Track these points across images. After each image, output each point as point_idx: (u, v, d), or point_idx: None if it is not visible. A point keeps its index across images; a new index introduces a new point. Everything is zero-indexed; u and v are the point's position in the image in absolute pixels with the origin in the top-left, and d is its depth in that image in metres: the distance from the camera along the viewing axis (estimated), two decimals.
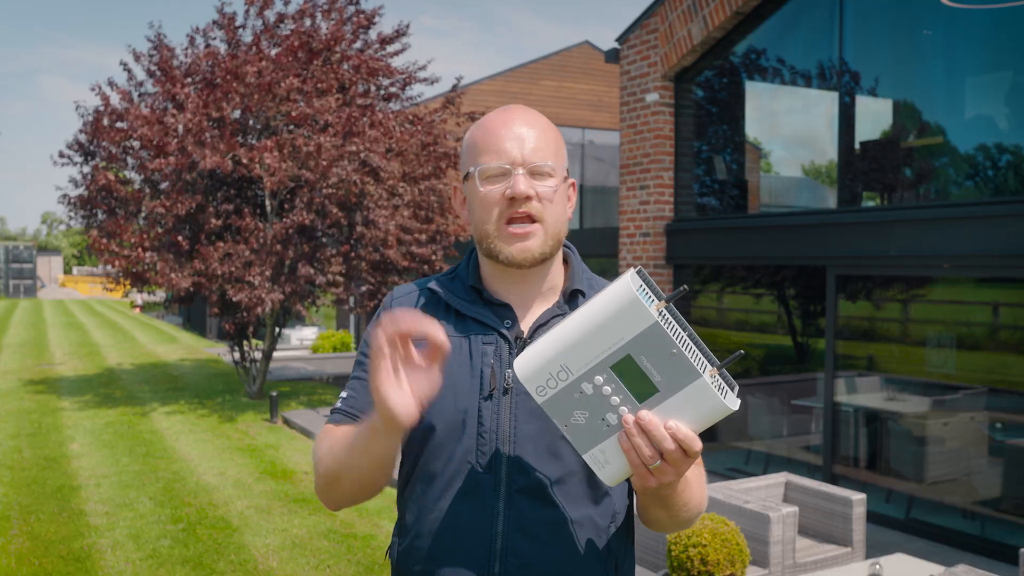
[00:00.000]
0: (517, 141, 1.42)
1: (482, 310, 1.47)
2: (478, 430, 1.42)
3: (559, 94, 18.42)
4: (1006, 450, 5.79)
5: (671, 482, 1.23)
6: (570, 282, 1.51)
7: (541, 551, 1.40)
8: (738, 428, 7.69)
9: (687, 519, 1.45)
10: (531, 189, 1.40)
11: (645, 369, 1.16)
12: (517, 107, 1.48)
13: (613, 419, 1.20)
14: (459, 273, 1.55)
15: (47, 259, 73.20)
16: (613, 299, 1.15)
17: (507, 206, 1.41)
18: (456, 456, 1.42)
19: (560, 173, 1.45)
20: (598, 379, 1.18)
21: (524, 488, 1.40)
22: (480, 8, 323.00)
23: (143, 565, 5.31)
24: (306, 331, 18.61)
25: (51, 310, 35.73)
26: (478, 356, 1.44)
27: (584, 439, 1.23)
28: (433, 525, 1.43)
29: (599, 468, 1.25)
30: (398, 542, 1.50)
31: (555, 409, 1.22)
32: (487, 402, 1.42)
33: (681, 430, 1.17)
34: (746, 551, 4.13)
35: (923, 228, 6.00)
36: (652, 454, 1.18)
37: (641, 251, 8.34)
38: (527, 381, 1.21)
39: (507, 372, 1.43)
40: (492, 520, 1.40)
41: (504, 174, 1.42)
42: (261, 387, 11.79)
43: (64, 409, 10.91)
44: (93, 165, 11.29)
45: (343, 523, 6.18)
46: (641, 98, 8.38)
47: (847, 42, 6.83)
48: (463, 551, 1.40)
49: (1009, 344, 5.85)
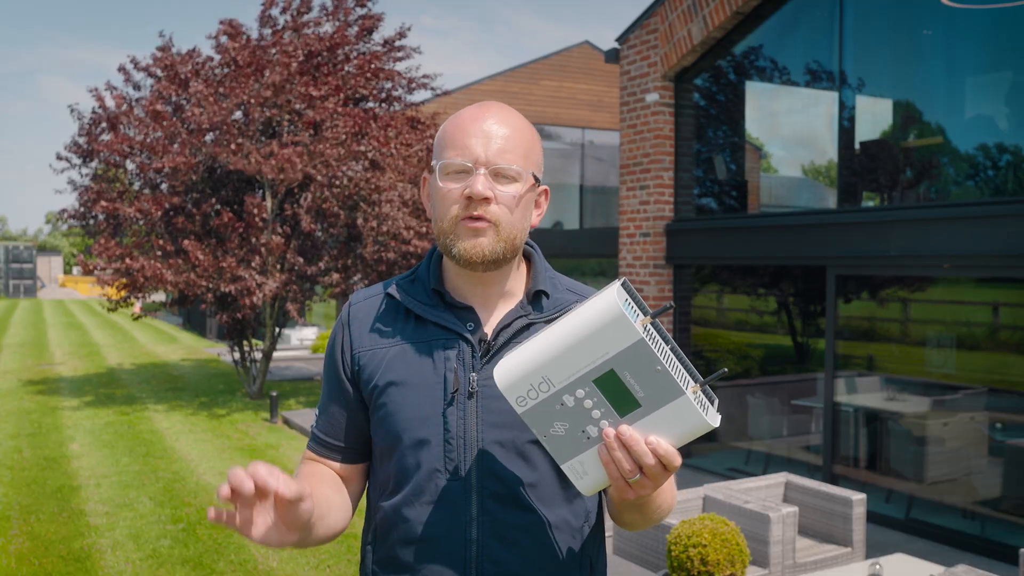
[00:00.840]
0: (483, 139, 1.36)
1: (443, 314, 1.43)
2: (444, 436, 1.38)
3: (559, 94, 18.41)
4: (1006, 450, 5.79)
5: (648, 494, 1.23)
6: (533, 282, 1.47)
7: (518, 556, 1.38)
8: (738, 428, 7.70)
9: (659, 518, 1.46)
10: (489, 191, 1.35)
11: (628, 384, 1.15)
12: (493, 105, 1.42)
13: (594, 431, 1.20)
14: (419, 275, 1.49)
15: (47, 259, 73.18)
16: (598, 314, 1.13)
17: (464, 206, 1.36)
18: (424, 464, 1.39)
19: (527, 179, 1.40)
20: (580, 392, 1.17)
21: (496, 493, 1.38)
22: (480, 8, 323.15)
23: (143, 565, 5.31)
24: (306, 331, 18.60)
25: (51, 310, 35.74)
26: (440, 362, 1.40)
27: (563, 450, 1.22)
28: (407, 535, 1.40)
29: (577, 479, 1.24)
30: (371, 551, 1.47)
31: (535, 420, 1.21)
32: (451, 407, 1.39)
33: (662, 446, 1.17)
34: (746, 551, 4.12)
35: (923, 228, 6.00)
36: (632, 468, 1.18)
37: (641, 251, 8.34)
38: (507, 391, 1.20)
39: (471, 376, 1.39)
40: (466, 527, 1.38)
41: (465, 172, 1.37)
42: (261, 387, 11.79)
43: (64, 409, 10.91)
44: (92, 168, 11.29)
45: None
46: (641, 98, 8.38)
47: (847, 42, 6.83)
48: (439, 559, 1.38)
49: (1009, 344, 5.85)
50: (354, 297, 1.55)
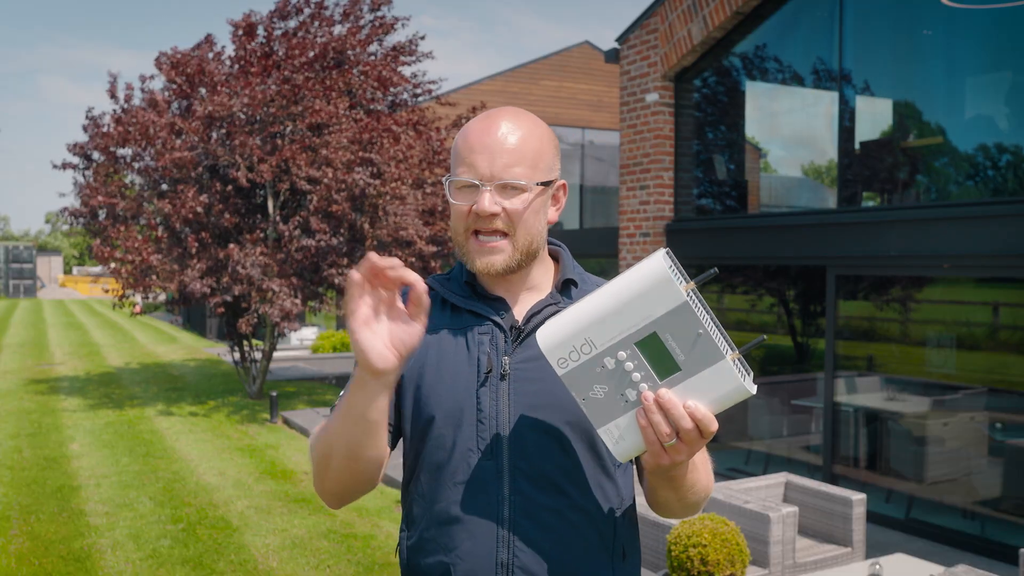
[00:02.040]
0: (488, 155, 1.40)
1: (476, 303, 1.49)
2: (477, 416, 1.42)
3: (559, 94, 18.42)
4: (1006, 450, 5.79)
5: (683, 461, 1.25)
6: (562, 274, 1.53)
7: (549, 538, 1.41)
8: (738, 428, 7.70)
9: (694, 501, 1.47)
10: (496, 206, 1.40)
11: (669, 347, 1.18)
12: (501, 113, 1.46)
13: (632, 395, 1.22)
14: (453, 274, 1.57)
15: (47, 259, 73.18)
16: (644, 276, 1.17)
17: (474, 220, 1.43)
18: (458, 445, 1.42)
19: (534, 188, 1.43)
20: (621, 354, 1.20)
21: (528, 474, 1.41)
22: (480, 8, 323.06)
23: (143, 565, 5.31)
24: (306, 331, 18.60)
25: (51, 310, 35.74)
26: (474, 345, 1.46)
27: (600, 413, 1.25)
28: (440, 516, 1.43)
29: (613, 443, 1.26)
30: (406, 536, 1.50)
31: (575, 382, 1.23)
32: (484, 388, 1.43)
33: (700, 409, 1.20)
34: (746, 551, 4.13)
35: (923, 228, 6.00)
36: (669, 432, 1.21)
37: (641, 251, 8.34)
38: (549, 352, 1.23)
39: (504, 359, 1.44)
40: (499, 507, 1.41)
41: (473, 188, 1.42)
42: (261, 387, 11.79)
43: (64, 409, 10.91)
44: (93, 168, 11.28)
45: (343, 523, 6.18)
46: (641, 98, 8.38)
47: (847, 42, 6.83)
48: (471, 540, 1.40)
49: (1009, 344, 5.85)
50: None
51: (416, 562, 1.46)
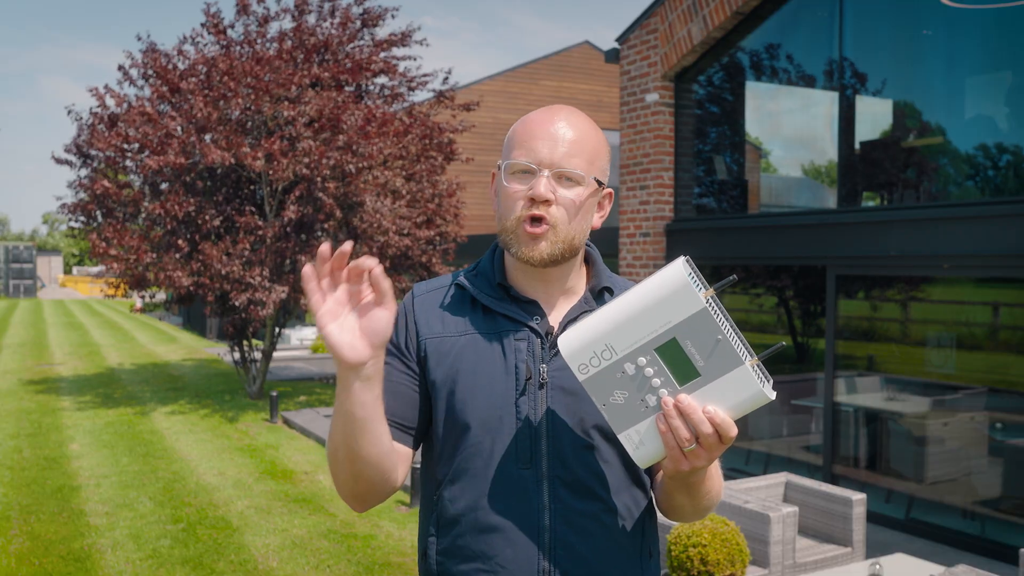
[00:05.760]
0: (550, 142, 1.40)
1: (511, 307, 1.47)
2: (516, 425, 1.42)
3: (559, 94, 18.43)
4: (1006, 450, 5.79)
5: (702, 467, 1.26)
6: (596, 280, 1.52)
7: (589, 544, 1.41)
8: (738, 428, 7.68)
9: (706, 507, 1.48)
10: (551, 193, 1.39)
11: (689, 353, 1.19)
12: (563, 108, 1.46)
13: (652, 400, 1.23)
14: (481, 269, 1.53)
15: (47, 259, 73.18)
16: (664, 283, 1.18)
17: (527, 205, 1.40)
18: (496, 453, 1.42)
19: (589, 183, 1.43)
20: (641, 360, 1.21)
21: (566, 481, 1.41)
22: (481, 8, 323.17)
23: (143, 565, 5.31)
24: (306, 331, 18.61)
25: (51, 310, 35.73)
26: (511, 353, 1.44)
27: (621, 419, 1.26)
28: (477, 523, 1.42)
29: (633, 448, 1.27)
30: (435, 541, 1.47)
31: (595, 387, 1.25)
32: (523, 397, 1.42)
33: (719, 415, 1.21)
34: (746, 551, 4.13)
35: (923, 228, 6.00)
36: (689, 437, 1.22)
37: (641, 251, 8.34)
38: (571, 358, 1.24)
39: (541, 367, 1.43)
40: (539, 515, 1.40)
41: (530, 172, 1.41)
42: (261, 387, 11.79)
43: (64, 409, 10.91)
44: (92, 167, 11.27)
45: (343, 523, 6.17)
46: (641, 98, 8.38)
47: (847, 42, 6.83)
48: (512, 548, 1.40)
49: (1009, 344, 5.85)
50: (417, 289, 1.58)
51: (449, 568, 1.44)
